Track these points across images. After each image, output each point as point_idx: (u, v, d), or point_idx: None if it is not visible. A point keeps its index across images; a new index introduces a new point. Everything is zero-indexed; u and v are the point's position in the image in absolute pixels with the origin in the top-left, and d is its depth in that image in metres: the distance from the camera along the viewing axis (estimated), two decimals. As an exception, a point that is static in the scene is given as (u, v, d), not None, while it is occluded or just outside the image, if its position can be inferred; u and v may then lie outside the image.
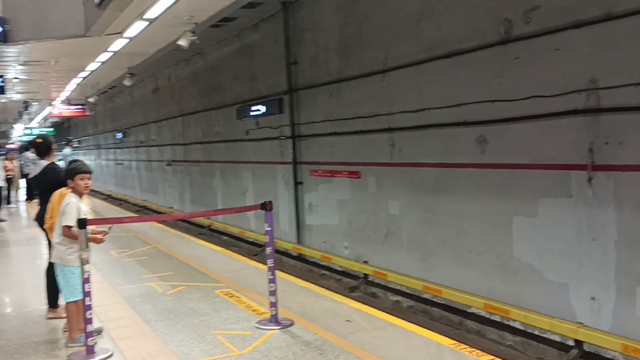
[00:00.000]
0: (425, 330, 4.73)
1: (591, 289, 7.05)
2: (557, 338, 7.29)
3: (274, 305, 4.90)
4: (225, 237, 16.66)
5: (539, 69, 7.44)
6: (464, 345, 4.19)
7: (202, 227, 18.03)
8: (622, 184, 6.61)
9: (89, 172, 5.22)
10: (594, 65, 6.78)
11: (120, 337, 5.03)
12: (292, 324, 4.91)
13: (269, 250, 4.93)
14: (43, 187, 6.20)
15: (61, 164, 13.74)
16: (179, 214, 9.80)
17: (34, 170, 6.80)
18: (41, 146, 6.46)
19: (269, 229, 4.92)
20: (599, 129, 6.79)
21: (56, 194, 5.62)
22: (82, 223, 4.64)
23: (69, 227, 4.90)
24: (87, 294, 4.60)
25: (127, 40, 9.44)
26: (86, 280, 4.61)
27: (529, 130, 7.62)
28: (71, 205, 4.98)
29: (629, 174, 6.52)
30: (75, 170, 5.17)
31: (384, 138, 10.21)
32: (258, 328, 4.89)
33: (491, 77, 8.04)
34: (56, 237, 5.10)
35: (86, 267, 4.56)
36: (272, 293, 4.86)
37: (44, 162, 6.36)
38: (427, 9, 9.01)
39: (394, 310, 9.24)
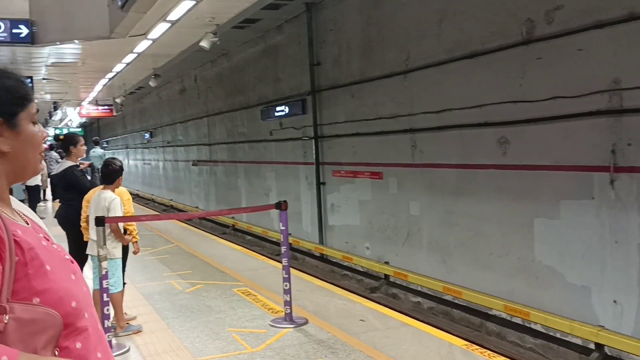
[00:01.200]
0: (438, 330, 4.72)
1: (613, 293, 6.95)
2: (578, 341, 7.20)
3: (288, 303, 4.93)
4: (249, 237, 16.78)
5: (561, 69, 7.36)
6: (475, 346, 4.18)
7: (226, 226, 18.18)
8: (646, 186, 6.51)
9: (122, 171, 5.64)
10: (617, 65, 6.69)
11: (138, 333, 5.11)
12: (306, 323, 4.94)
13: (283, 249, 4.97)
14: (62, 188, 6.35)
15: (96, 162, 13.95)
16: (197, 213, 9.92)
17: (56, 170, 6.94)
18: (63, 145, 6.60)
19: (284, 228, 4.95)
20: (621, 130, 6.70)
21: (91, 193, 5.77)
22: (100, 220, 4.74)
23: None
24: (105, 289, 4.69)
25: (151, 42, 9.57)
26: (104, 277, 4.70)
27: (551, 131, 7.54)
28: (116, 201, 5.28)
29: (652, 176, 6.42)
30: (119, 172, 5.58)
31: (405, 139, 10.19)
32: (272, 326, 4.93)
33: (513, 77, 7.97)
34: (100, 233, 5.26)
35: (104, 263, 4.65)
36: (287, 292, 4.90)
37: (67, 163, 6.47)
38: (448, 9, 8.97)
39: (415, 311, 9.22)
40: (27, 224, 1.33)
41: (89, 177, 6.74)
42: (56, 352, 1.21)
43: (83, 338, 1.27)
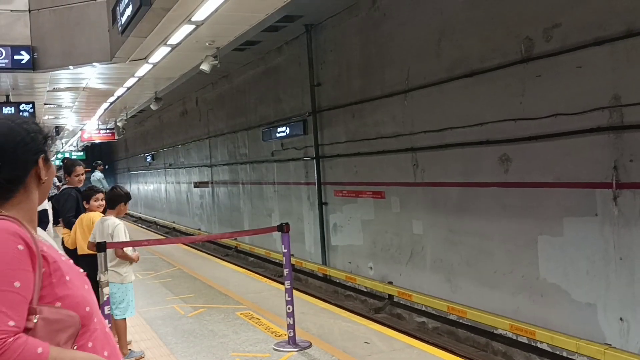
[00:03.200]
0: (443, 352, 4.67)
1: (619, 310, 6.89)
2: (585, 360, 7.13)
3: (291, 327, 4.89)
4: (251, 259, 16.72)
5: (560, 86, 7.37)
6: (481, 368, 4.14)
7: (229, 248, 18.13)
8: (649, 202, 6.48)
9: (130, 199, 5.58)
10: (617, 81, 6.70)
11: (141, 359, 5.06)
12: (309, 346, 4.89)
13: (286, 272, 4.94)
14: (56, 211, 6.34)
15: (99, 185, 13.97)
16: (199, 237, 9.91)
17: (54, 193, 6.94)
18: (62, 169, 6.60)
19: (286, 250, 4.93)
20: (623, 146, 6.69)
21: (84, 218, 5.76)
22: (102, 246, 4.71)
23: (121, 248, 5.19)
24: (107, 316, 4.65)
25: (152, 66, 9.63)
26: (106, 303, 4.66)
27: (552, 148, 7.54)
28: (120, 227, 5.26)
29: (655, 191, 6.39)
30: (122, 198, 5.52)
31: (407, 158, 10.19)
32: (276, 350, 4.88)
33: (513, 95, 7.98)
34: (110, 260, 5.23)
35: (105, 289, 4.62)
36: (290, 315, 4.86)
37: (64, 187, 6.48)
38: (447, 28, 9.02)
39: (420, 331, 9.14)
40: (47, 242, 1.61)
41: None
42: (74, 348, 1.49)
43: (94, 338, 1.54)
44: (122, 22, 7.51)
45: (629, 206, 6.68)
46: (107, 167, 34.65)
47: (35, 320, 1.41)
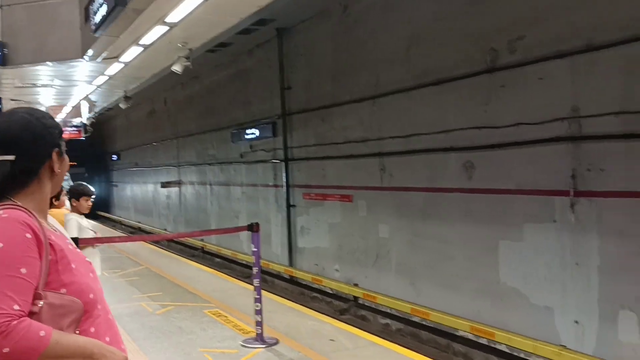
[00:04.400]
0: (405, 349, 4.84)
1: (575, 313, 7.16)
2: (541, 361, 7.38)
3: (259, 324, 5.00)
4: (218, 260, 16.72)
5: (523, 97, 7.63)
6: (441, 365, 4.32)
7: (195, 249, 18.09)
8: (604, 210, 6.76)
9: (93, 194, 5.53)
10: (576, 94, 6.98)
11: (108, 355, 5.10)
12: (277, 343, 5.01)
13: (255, 270, 5.05)
14: None
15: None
16: (167, 235, 9.93)
17: None
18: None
19: (255, 250, 5.04)
20: (581, 156, 6.97)
21: (56, 214, 5.78)
22: (74, 242, 4.75)
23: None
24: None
25: (123, 65, 9.63)
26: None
27: (514, 156, 7.80)
28: (71, 222, 5.25)
29: (610, 200, 6.67)
30: (81, 192, 5.45)
31: (375, 162, 10.38)
32: (243, 346, 4.99)
33: (478, 104, 8.23)
34: None
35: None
36: (258, 312, 4.97)
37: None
38: (416, 37, 9.24)
39: (384, 333, 9.31)
40: (56, 231, 1.71)
41: None
42: (77, 332, 1.56)
43: (97, 324, 1.62)
44: (96, 21, 7.53)
45: (586, 213, 6.96)
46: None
47: (40, 305, 1.48)
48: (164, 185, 21.86)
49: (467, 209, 8.56)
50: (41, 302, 1.49)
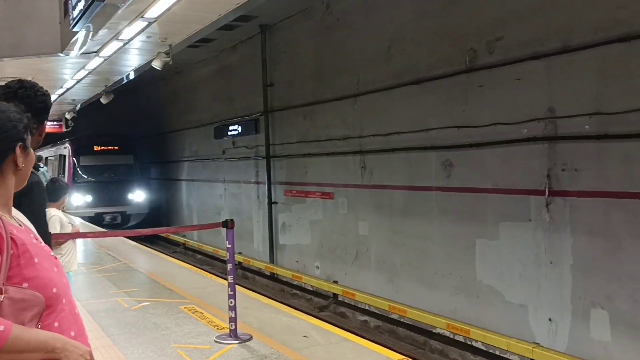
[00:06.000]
0: (377, 346, 4.90)
1: (548, 311, 7.26)
2: (515, 358, 7.47)
3: (233, 320, 5.03)
4: (200, 256, 16.70)
5: (501, 97, 7.72)
6: (411, 360, 4.38)
7: (177, 245, 18.07)
8: (578, 209, 6.87)
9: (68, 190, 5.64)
10: (552, 95, 7.07)
11: (82, 350, 5.10)
12: (250, 339, 5.04)
13: (229, 266, 5.08)
14: None
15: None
16: (145, 230, 9.94)
17: None
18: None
19: (230, 246, 5.06)
20: (556, 156, 7.06)
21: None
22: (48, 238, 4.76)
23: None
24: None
25: (103, 60, 9.60)
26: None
27: (492, 156, 7.89)
28: (54, 219, 5.28)
29: (583, 199, 6.78)
30: (65, 190, 5.61)
31: (355, 160, 10.43)
32: (217, 342, 5.01)
33: (456, 104, 8.30)
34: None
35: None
36: (232, 308, 4.99)
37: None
38: (397, 36, 9.30)
39: (362, 330, 9.37)
40: (21, 226, 1.70)
41: None
42: (39, 326, 1.55)
43: (61, 318, 1.61)
44: (74, 16, 7.50)
45: (560, 213, 7.06)
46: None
47: (0, 299, 1.48)
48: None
49: (445, 207, 8.64)
50: (1, 297, 1.48)
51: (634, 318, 6.25)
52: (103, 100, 14.51)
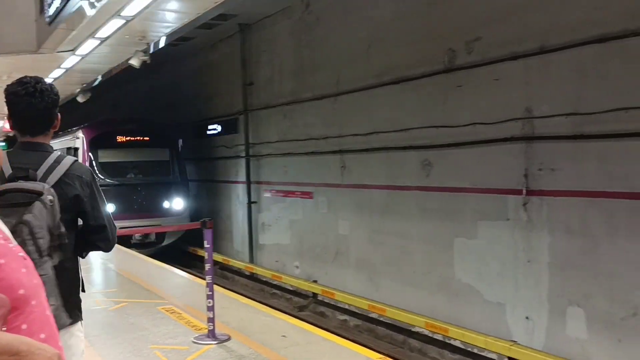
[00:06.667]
0: (356, 345, 4.91)
1: (526, 309, 7.33)
2: (493, 356, 7.53)
3: (211, 320, 5.00)
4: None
5: (479, 97, 7.77)
6: (389, 359, 4.38)
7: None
8: (554, 208, 6.93)
9: None
10: (529, 95, 7.13)
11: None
12: (228, 339, 5.01)
13: (207, 266, 5.05)
14: None
15: None
16: (122, 231, 9.86)
17: None
18: None
19: (208, 246, 5.04)
20: (533, 155, 7.13)
21: None
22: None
23: None
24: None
25: (80, 58, 9.49)
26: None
27: (470, 155, 7.93)
28: None
29: (560, 199, 6.85)
30: None
31: (335, 159, 10.44)
32: (195, 343, 4.98)
33: (436, 103, 8.34)
34: None
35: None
36: (210, 309, 4.97)
37: None
38: (377, 36, 9.32)
39: (341, 329, 9.38)
40: None
41: None
42: (4, 329, 1.49)
43: (30, 320, 1.55)
44: (50, 13, 7.40)
45: (537, 212, 7.13)
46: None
47: None
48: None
49: (424, 207, 8.68)
50: None
51: (610, 316, 6.33)
52: (80, 99, 14.33)
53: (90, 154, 13.67)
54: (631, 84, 6.02)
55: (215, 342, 4.97)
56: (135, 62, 8.90)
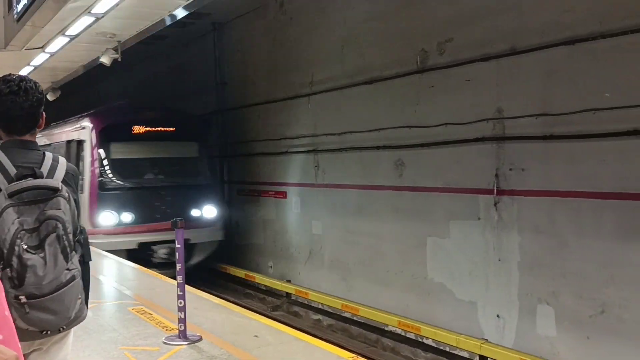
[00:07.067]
0: (328, 344, 4.92)
1: (497, 308, 7.41)
2: (465, 354, 7.60)
3: (182, 321, 4.96)
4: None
5: (451, 97, 7.84)
6: (361, 359, 4.40)
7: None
8: (524, 208, 7.02)
9: None
10: (500, 96, 7.22)
11: (25, 354, 4.96)
12: (200, 340, 4.98)
13: (178, 266, 5.01)
14: None
15: None
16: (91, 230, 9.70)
17: None
18: None
19: (179, 246, 5.00)
20: (504, 155, 7.21)
21: None
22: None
23: None
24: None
25: (49, 55, 9.35)
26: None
27: (442, 155, 8.00)
28: None
29: (530, 198, 6.94)
30: None
31: (309, 159, 10.44)
32: (166, 344, 4.94)
33: (408, 104, 8.39)
34: None
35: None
36: (181, 309, 4.93)
37: None
38: (351, 36, 9.34)
39: (315, 328, 9.38)
40: None
41: None
42: None
43: None
44: (18, 10, 7.29)
45: (508, 211, 7.21)
46: None
47: None
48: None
49: (397, 206, 8.72)
50: None
51: (579, 314, 6.43)
52: (50, 97, 14.14)
53: (100, 149, 10.91)
54: (599, 85, 6.13)
55: (187, 342, 4.93)
56: (105, 59, 8.81)
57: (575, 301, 6.48)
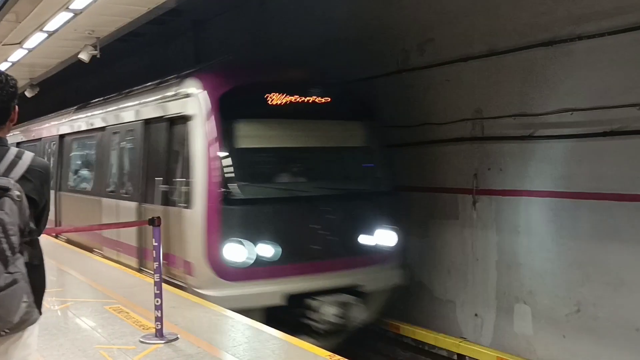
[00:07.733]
0: (305, 343, 4.90)
1: (475, 306, 7.46)
2: (443, 353, 7.64)
3: (159, 319, 4.91)
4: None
5: (431, 97, 7.87)
6: (337, 357, 4.39)
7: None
8: (502, 207, 7.08)
9: None
10: (479, 96, 7.27)
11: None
12: (176, 339, 4.94)
13: (156, 265, 4.96)
14: None
15: None
16: (67, 227, 9.63)
17: None
18: None
19: (156, 244, 4.95)
20: (483, 155, 7.26)
21: None
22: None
23: None
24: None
25: (27, 52, 9.22)
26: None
27: (422, 155, 8.02)
28: None
29: (507, 198, 6.99)
30: None
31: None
32: (142, 342, 4.89)
33: (388, 103, 8.39)
34: None
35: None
36: (158, 307, 4.88)
37: None
38: (331, 36, 9.32)
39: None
40: None
41: None
42: None
43: None
44: (-5, 4, 7.18)
45: (486, 211, 7.26)
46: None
47: None
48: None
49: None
50: None
51: (554, 312, 6.49)
52: (28, 94, 13.92)
53: (222, 128, 6.54)
54: (575, 87, 6.19)
55: (163, 341, 4.88)
56: (84, 56, 8.70)
57: (551, 300, 6.55)
